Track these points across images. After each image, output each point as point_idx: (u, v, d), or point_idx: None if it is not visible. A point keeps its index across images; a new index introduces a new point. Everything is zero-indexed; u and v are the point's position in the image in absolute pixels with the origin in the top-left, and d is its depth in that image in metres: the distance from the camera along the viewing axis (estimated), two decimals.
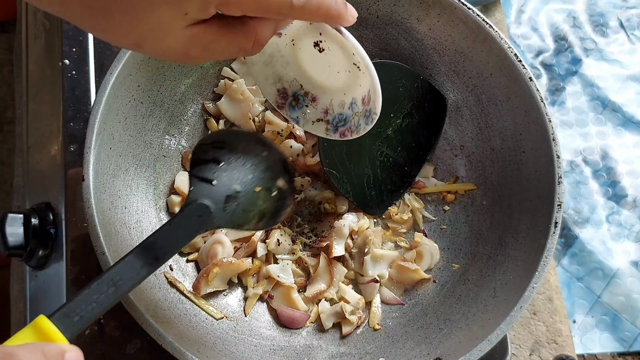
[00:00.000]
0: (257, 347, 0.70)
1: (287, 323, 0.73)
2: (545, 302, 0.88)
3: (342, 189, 0.74)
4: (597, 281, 1.46)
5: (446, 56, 0.77)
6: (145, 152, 0.73)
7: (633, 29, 1.70)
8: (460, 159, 0.81)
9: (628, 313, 1.43)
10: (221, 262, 0.70)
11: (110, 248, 0.61)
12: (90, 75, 0.80)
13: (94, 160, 0.62)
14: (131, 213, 0.70)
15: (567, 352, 0.85)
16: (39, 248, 0.74)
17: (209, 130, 0.80)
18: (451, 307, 0.72)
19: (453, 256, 0.78)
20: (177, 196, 0.76)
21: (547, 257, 0.63)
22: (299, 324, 0.73)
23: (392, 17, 0.77)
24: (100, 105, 0.63)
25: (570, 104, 1.63)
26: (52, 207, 0.77)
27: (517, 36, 1.69)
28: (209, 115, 0.80)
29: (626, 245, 1.49)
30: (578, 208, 1.53)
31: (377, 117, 0.56)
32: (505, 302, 0.64)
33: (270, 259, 0.75)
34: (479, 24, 0.70)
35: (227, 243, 0.73)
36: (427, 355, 0.65)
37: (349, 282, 0.76)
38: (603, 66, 1.66)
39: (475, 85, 0.76)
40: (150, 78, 0.71)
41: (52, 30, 0.85)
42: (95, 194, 0.61)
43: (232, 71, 0.80)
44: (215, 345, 0.66)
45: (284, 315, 0.73)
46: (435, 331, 0.70)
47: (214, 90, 0.81)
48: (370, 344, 0.72)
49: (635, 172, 1.55)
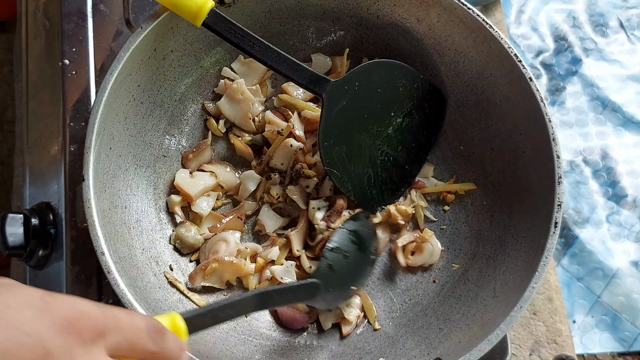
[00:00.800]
0: (257, 347, 0.70)
1: (287, 323, 0.73)
2: (545, 302, 0.88)
3: (343, 188, 0.74)
4: (597, 281, 1.46)
5: (446, 56, 0.77)
6: (145, 152, 0.73)
7: (633, 29, 1.70)
8: (460, 159, 0.81)
9: (628, 313, 1.43)
10: (222, 259, 0.70)
11: (110, 248, 0.61)
12: (90, 75, 0.80)
13: (94, 160, 0.62)
14: (131, 213, 0.70)
15: (567, 352, 0.85)
16: (39, 248, 0.74)
17: (209, 130, 0.80)
18: (451, 307, 0.72)
19: (453, 256, 0.78)
20: (177, 196, 0.76)
21: (547, 257, 0.63)
22: (300, 324, 0.73)
23: (392, 17, 0.77)
24: (100, 105, 0.63)
25: (570, 104, 1.63)
26: (52, 207, 0.77)
27: (517, 36, 1.69)
28: (209, 115, 0.80)
29: (626, 245, 1.49)
30: (578, 208, 1.53)
31: None
32: (505, 302, 0.64)
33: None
34: (479, 24, 0.70)
35: (232, 243, 0.73)
36: (427, 355, 0.65)
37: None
38: (603, 66, 1.65)
39: (475, 85, 0.76)
40: (150, 78, 0.71)
41: (52, 30, 0.85)
42: (95, 194, 0.61)
43: (232, 71, 0.80)
44: (215, 346, 0.66)
45: (285, 315, 0.73)
46: (435, 331, 0.70)
47: (214, 90, 0.81)
48: (370, 344, 0.72)
49: (635, 172, 1.55)
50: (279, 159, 0.78)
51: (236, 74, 0.80)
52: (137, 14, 0.83)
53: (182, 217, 0.76)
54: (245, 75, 0.80)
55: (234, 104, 0.79)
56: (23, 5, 0.92)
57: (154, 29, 0.66)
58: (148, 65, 0.69)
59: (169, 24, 0.68)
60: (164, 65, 0.72)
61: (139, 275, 0.66)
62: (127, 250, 0.66)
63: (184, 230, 0.74)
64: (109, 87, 0.64)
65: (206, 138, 0.80)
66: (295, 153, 0.77)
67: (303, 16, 0.78)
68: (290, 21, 0.78)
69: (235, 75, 0.80)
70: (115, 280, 0.59)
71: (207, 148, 0.78)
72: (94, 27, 0.82)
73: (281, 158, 0.78)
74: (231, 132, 0.81)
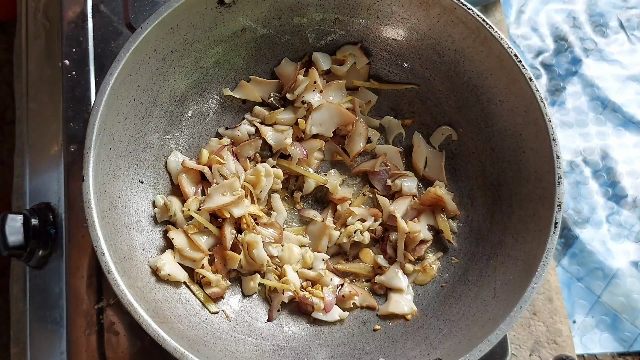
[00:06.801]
0: (257, 347, 0.70)
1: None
2: (545, 302, 0.88)
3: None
4: (597, 281, 1.46)
5: (446, 56, 0.77)
6: (145, 152, 0.73)
7: (633, 29, 1.70)
8: (460, 158, 0.81)
9: (628, 313, 1.43)
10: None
11: (110, 248, 0.61)
12: (90, 76, 0.80)
13: (94, 160, 0.62)
14: (131, 213, 0.70)
15: (567, 352, 0.85)
16: (39, 248, 0.74)
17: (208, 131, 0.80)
18: (451, 307, 0.72)
19: (453, 256, 0.78)
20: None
21: (547, 257, 0.63)
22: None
23: (392, 18, 0.77)
24: (100, 106, 0.63)
25: (570, 104, 1.63)
26: (52, 207, 0.77)
27: (517, 36, 1.69)
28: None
29: (626, 246, 1.49)
30: (578, 208, 1.53)
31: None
32: (505, 302, 0.64)
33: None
34: (479, 24, 0.70)
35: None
36: (427, 355, 0.65)
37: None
38: (603, 66, 1.65)
39: (475, 85, 0.76)
40: (150, 78, 0.71)
41: (52, 30, 0.85)
42: (95, 194, 0.61)
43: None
44: (215, 345, 0.66)
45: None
46: (435, 331, 0.70)
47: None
48: (370, 344, 0.72)
49: (635, 172, 1.55)
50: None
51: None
52: (137, 15, 0.83)
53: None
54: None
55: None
56: (23, 6, 0.92)
57: (154, 30, 0.66)
58: (148, 66, 0.69)
59: (169, 24, 0.68)
60: (164, 66, 0.72)
61: (139, 275, 0.66)
62: (127, 250, 0.66)
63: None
64: (109, 88, 0.64)
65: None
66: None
67: (303, 16, 0.78)
68: (290, 21, 0.79)
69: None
70: (115, 280, 0.59)
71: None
72: (94, 28, 0.82)
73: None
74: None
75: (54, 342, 0.74)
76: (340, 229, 0.79)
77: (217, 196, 0.73)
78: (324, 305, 0.73)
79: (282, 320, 0.74)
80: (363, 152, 0.82)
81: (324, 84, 0.81)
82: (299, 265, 0.77)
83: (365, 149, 0.82)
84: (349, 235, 0.77)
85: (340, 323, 0.75)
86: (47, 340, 0.76)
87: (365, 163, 0.83)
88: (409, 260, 0.77)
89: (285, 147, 0.79)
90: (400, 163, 0.83)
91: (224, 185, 0.74)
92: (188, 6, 0.68)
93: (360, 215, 0.79)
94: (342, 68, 0.81)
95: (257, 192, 0.77)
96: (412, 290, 0.76)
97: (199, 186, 0.76)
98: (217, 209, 0.72)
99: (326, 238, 0.78)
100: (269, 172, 0.77)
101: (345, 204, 0.80)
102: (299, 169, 0.79)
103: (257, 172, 0.76)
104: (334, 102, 0.80)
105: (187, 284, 0.71)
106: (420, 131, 0.83)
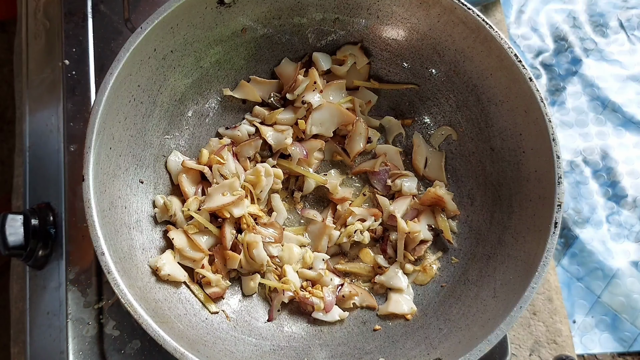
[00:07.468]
0: (257, 347, 0.70)
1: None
2: (545, 302, 0.88)
3: None
4: (597, 281, 1.46)
5: (446, 56, 0.77)
6: (145, 152, 0.73)
7: (633, 29, 1.70)
8: (460, 158, 0.81)
9: (628, 313, 1.43)
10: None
11: (110, 248, 0.61)
12: (90, 75, 0.80)
13: (94, 160, 0.62)
14: (131, 213, 0.70)
15: (567, 352, 0.85)
16: (39, 248, 0.74)
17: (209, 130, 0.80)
18: (451, 307, 0.72)
19: (453, 256, 0.78)
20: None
21: (547, 257, 0.63)
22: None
23: (392, 18, 0.77)
24: (100, 105, 0.63)
25: (570, 104, 1.63)
26: (52, 207, 0.77)
27: (517, 36, 1.69)
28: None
29: (626, 246, 1.49)
30: (578, 208, 1.53)
31: None
32: (505, 302, 0.64)
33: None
34: (479, 24, 0.70)
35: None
36: (427, 355, 0.65)
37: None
38: (603, 66, 1.66)
39: (475, 85, 0.76)
40: (150, 78, 0.71)
41: (52, 30, 0.85)
42: (95, 194, 0.61)
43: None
44: (215, 345, 0.66)
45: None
46: (435, 331, 0.70)
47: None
48: (370, 344, 0.72)
49: (635, 172, 1.55)
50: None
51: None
52: (137, 14, 0.83)
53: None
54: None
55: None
56: (23, 5, 0.92)
57: (154, 29, 0.66)
58: (148, 65, 0.69)
59: (169, 24, 0.68)
60: (164, 65, 0.72)
61: (139, 275, 0.66)
62: (127, 250, 0.66)
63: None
64: (109, 87, 0.64)
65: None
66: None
67: (303, 16, 0.78)
68: (290, 21, 0.79)
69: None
70: (115, 280, 0.59)
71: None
72: (94, 27, 0.82)
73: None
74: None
75: (54, 342, 0.74)
76: (340, 229, 0.79)
77: (217, 196, 0.73)
78: (324, 305, 0.73)
79: (282, 320, 0.74)
80: (363, 152, 0.83)
81: (324, 84, 0.81)
82: (299, 265, 0.77)
83: (365, 149, 0.82)
84: (349, 235, 0.77)
85: (340, 323, 0.75)
86: (47, 340, 0.76)
87: (365, 163, 0.83)
88: (408, 260, 0.77)
89: (285, 147, 0.79)
90: (400, 163, 0.83)
91: (224, 185, 0.74)
92: (188, 6, 0.68)
93: (360, 215, 0.79)
94: (342, 68, 0.81)
95: (257, 192, 0.77)
96: (412, 290, 0.76)
97: (199, 186, 0.77)
98: (217, 209, 0.72)
99: (326, 238, 0.78)
100: (269, 172, 0.77)
101: (345, 204, 0.80)
102: (299, 169, 0.79)
103: (257, 172, 0.76)
104: (334, 102, 0.80)
105: (187, 284, 0.72)
106: (420, 131, 0.83)
